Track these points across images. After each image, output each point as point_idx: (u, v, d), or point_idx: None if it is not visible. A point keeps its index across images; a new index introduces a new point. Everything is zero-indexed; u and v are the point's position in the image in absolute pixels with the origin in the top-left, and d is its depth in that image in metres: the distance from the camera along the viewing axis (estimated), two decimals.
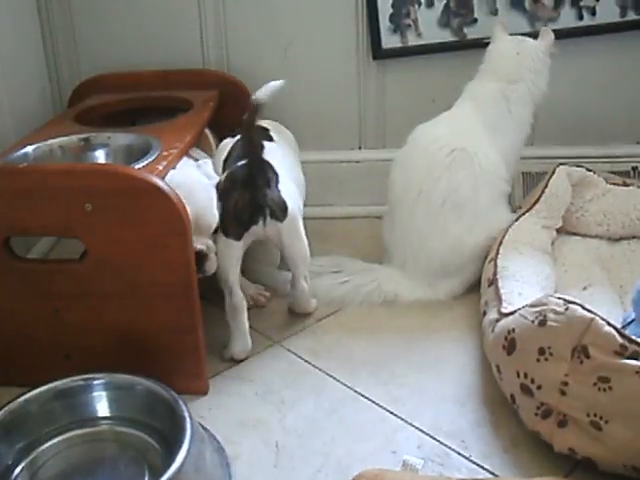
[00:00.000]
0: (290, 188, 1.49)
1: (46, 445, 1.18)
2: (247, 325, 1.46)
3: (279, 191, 1.45)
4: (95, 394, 1.22)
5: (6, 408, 1.16)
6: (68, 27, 2.04)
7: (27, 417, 1.17)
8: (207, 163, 1.52)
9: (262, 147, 1.52)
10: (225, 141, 1.67)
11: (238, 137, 1.58)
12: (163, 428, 1.18)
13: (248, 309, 1.47)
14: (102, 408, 1.22)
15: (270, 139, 1.62)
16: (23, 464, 1.16)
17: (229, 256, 1.44)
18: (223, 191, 1.44)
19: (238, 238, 1.43)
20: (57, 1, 2.01)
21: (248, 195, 1.42)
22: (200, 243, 1.36)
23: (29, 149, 1.51)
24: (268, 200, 1.43)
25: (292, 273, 1.55)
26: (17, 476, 1.14)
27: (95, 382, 1.22)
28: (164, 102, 1.88)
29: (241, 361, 1.45)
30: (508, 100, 1.68)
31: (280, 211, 1.44)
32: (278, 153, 1.56)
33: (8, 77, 1.80)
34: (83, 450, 1.19)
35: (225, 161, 1.57)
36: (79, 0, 2.01)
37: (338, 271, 1.67)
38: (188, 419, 1.12)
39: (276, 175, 1.46)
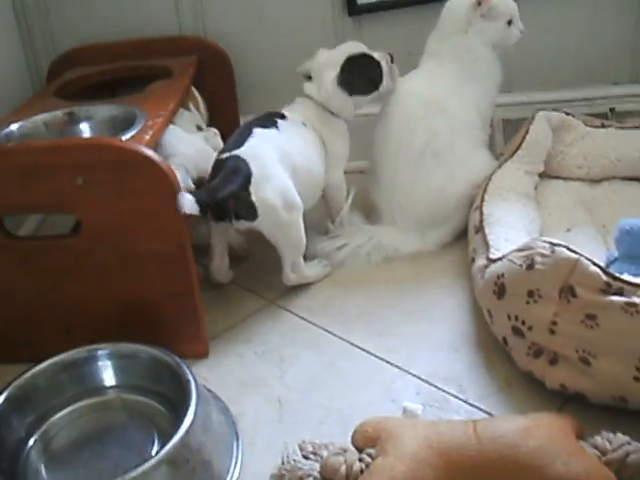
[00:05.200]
0: (271, 184, 1.46)
1: (56, 416, 1.21)
2: (224, 279, 1.58)
3: (248, 193, 1.43)
4: (100, 364, 1.25)
5: (15, 383, 1.18)
6: (40, 1, 2.03)
7: (36, 390, 1.20)
8: (216, 134, 1.54)
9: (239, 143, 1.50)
10: None
11: None
12: (169, 393, 1.21)
13: (232, 259, 1.59)
14: (108, 377, 1.25)
15: (273, 125, 1.59)
16: (36, 436, 1.19)
17: (212, 229, 1.52)
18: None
19: (216, 222, 1.47)
20: None
21: (211, 197, 1.40)
22: None
23: (13, 127, 1.51)
24: (230, 205, 1.42)
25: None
26: (31, 448, 1.17)
27: (100, 352, 1.24)
28: (143, 71, 1.88)
29: (238, 323, 1.49)
30: (467, 51, 1.69)
31: (248, 214, 1.44)
32: (272, 141, 1.54)
33: None
34: (93, 419, 1.22)
35: None
36: None
37: (334, 235, 1.68)
38: (193, 382, 1.15)
39: (248, 177, 1.44)
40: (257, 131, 1.54)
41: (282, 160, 1.51)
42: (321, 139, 1.66)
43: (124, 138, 1.37)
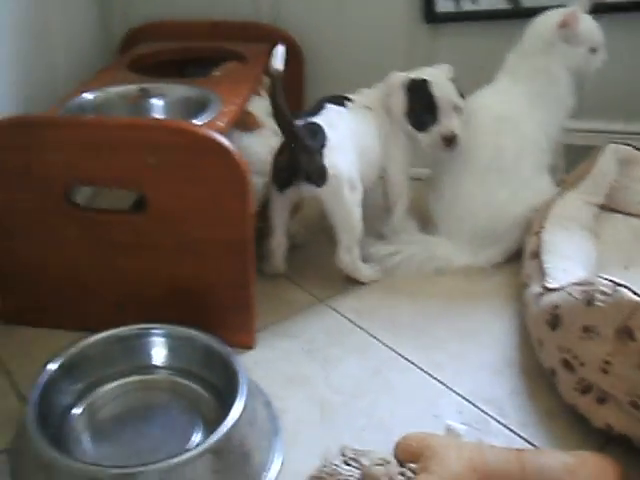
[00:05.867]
0: (343, 156, 1.51)
1: (105, 388, 1.24)
2: (280, 256, 1.61)
3: (321, 156, 1.47)
4: (154, 343, 1.27)
5: (69, 351, 1.21)
6: None
7: (88, 360, 1.23)
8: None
9: (311, 114, 1.56)
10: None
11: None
12: (216, 381, 1.23)
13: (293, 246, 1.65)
14: (160, 357, 1.27)
15: (341, 104, 1.62)
16: (83, 405, 1.21)
17: (274, 202, 1.56)
18: (277, 147, 1.51)
19: (280, 191, 1.52)
20: None
21: (286, 158, 1.47)
22: None
23: (89, 96, 1.54)
24: (303, 165, 1.47)
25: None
26: (77, 415, 1.20)
27: (155, 331, 1.27)
28: (216, 53, 1.89)
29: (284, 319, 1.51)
30: (544, 73, 1.69)
31: (318, 177, 1.48)
32: (343, 118, 1.58)
33: (63, 25, 1.81)
34: (139, 396, 1.24)
35: None
36: None
37: (388, 240, 1.69)
38: (243, 375, 1.16)
39: (323, 141, 1.49)
40: (330, 106, 1.59)
41: (351, 137, 1.55)
42: (384, 125, 1.67)
43: (199, 122, 1.38)
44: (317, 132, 1.50)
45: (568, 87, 1.71)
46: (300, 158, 1.47)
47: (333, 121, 1.54)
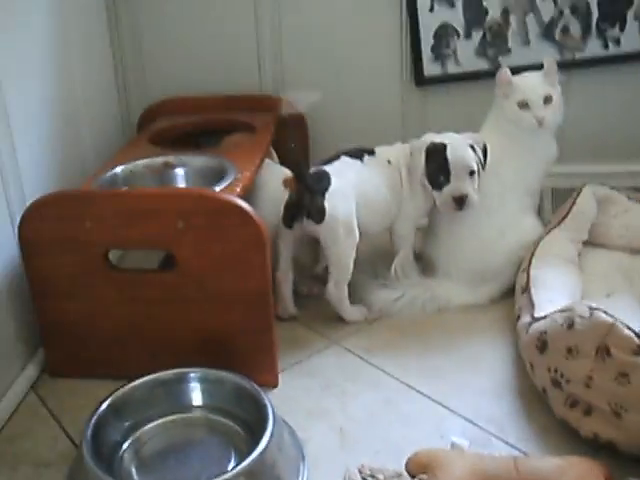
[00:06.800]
0: (343, 201, 1.70)
1: (148, 426, 1.39)
2: (288, 295, 1.79)
3: (322, 198, 1.67)
4: (190, 385, 1.43)
5: (117, 393, 1.37)
6: (137, 56, 2.26)
7: (133, 401, 1.38)
8: None
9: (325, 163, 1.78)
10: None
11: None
12: (247, 417, 1.38)
13: (305, 295, 1.85)
14: (196, 397, 1.43)
15: (358, 157, 1.82)
16: (130, 440, 1.37)
17: (282, 238, 1.75)
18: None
19: (288, 227, 1.71)
20: (128, 35, 2.23)
21: (296, 197, 1.69)
22: None
23: (118, 170, 1.73)
24: (305, 203, 1.68)
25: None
26: (124, 451, 1.35)
27: (191, 375, 1.43)
28: (227, 125, 2.09)
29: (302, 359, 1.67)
30: (508, 125, 1.84)
31: (317, 214, 1.68)
32: (352, 169, 1.78)
33: (88, 105, 2.01)
34: (179, 432, 1.40)
35: None
36: (148, 33, 2.23)
37: (391, 286, 1.85)
38: (270, 406, 1.32)
39: (327, 185, 1.69)
40: (344, 158, 1.80)
41: (356, 187, 1.75)
42: (399, 180, 1.85)
43: (219, 189, 1.56)
44: (323, 178, 1.71)
45: (534, 139, 1.84)
46: (304, 197, 1.67)
47: (341, 171, 1.75)
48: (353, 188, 1.74)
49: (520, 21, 2.09)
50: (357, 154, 1.82)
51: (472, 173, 1.76)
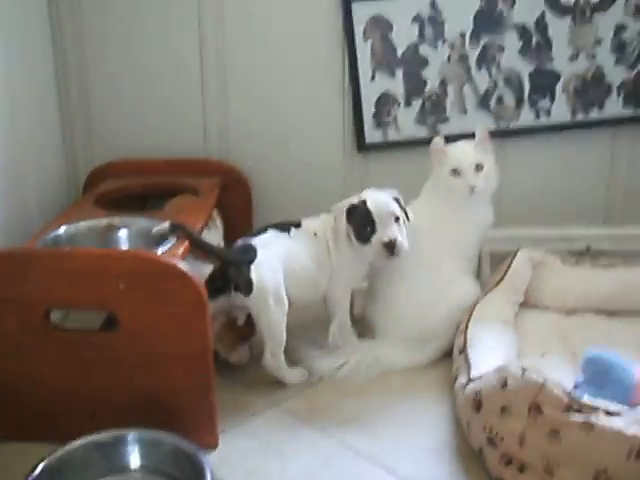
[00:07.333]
0: (270, 273, 1.72)
1: None
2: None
3: (249, 270, 1.69)
4: (128, 446, 1.42)
5: (51, 456, 1.36)
6: (84, 118, 2.28)
7: (69, 464, 1.38)
8: None
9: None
10: None
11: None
12: (186, 478, 1.38)
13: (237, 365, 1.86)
14: (134, 459, 1.43)
15: (285, 229, 1.85)
16: None
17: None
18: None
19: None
20: (76, 98, 2.25)
21: (220, 271, 1.71)
22: None
23: (61, 231, 1.74)
24: (232, 276, 1.70)
25: None
26: None
27: (128, 436, 1.42)
28: (173, 188, 2.11)
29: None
30: (442, 192, 1.90)
31: (245, 286, 1.70)
32: (278, 242, 1.80)
33: (34, 166, 2.03)
34: None
35: None
36: (96, 96, 2.25)
37: (331, 351, 1.87)
38: (208, 468, 1.32)
39: (252, 257, 1.72)
40: (271, 231, 1.83)
41: (283, 261, 1.77)
42: (328, 251, 1.87)
43: (160, 251, 1.58)
44: (249, 251, 1.74)
45: (471, 204, 1.89)
46: (229, 271, 1.70)
47: (267, 243, 1.78)
48: (279, 259, 1.76)
49: (457, 91, 2.18)
50: (284, 227, 1.86)
51: (397, 219, 1.80)
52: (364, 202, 1.82)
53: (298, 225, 1.88)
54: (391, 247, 1.78)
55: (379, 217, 1.80)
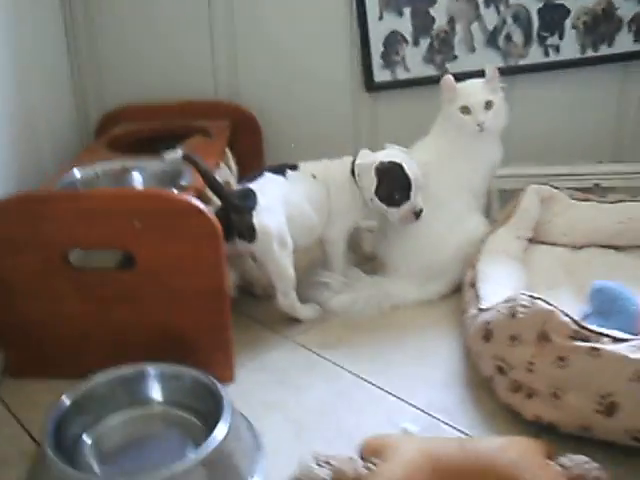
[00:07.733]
0: (272, 216, 1.72)
1: (108, 420, 1.43)
2: None
3: (250, 216, 1.70)
4: (149, 380, 1.47)
5: (78, 388, 1.41)
6: (94, 62, 2.30)
7: (94, 396, 1.42)
8: None
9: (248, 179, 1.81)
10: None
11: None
12: (205, 410, 1.42)
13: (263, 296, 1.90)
14: (155, 392, 1.47)
15: (281, 172, 1.85)
16: (91, 434, 1.40)
17: None
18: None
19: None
20: (85, 42, 2.27)
21: (222, 216, 1.66)
22: None
23: (77, 174, 1.77)
24: (235, 224, 1.69)
25: None
26: (86, 444, 1.38)
27: (150, 370, 1.47)
28: (183, 131, 2.13)
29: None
30: (451, 129, 1.91)
31: (248, 233, 1.70)
32: (276, 185, 1.81)
33: (45, 112, 2.05)
34: (138, 426, 1.43)
35: None
36: (105, 40, 2.27)
37: (345, 285, 1.90)
38: (226, 399, 1.36)
39: (253, 203, 1.71)
40: (267, 174, 1.83)
41: (282, 202, 1.77)
42: (327, 194, 1.89)
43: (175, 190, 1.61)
44: (249, 196, 1.73)
45: (475, 143, 1.91)
46: (232, 218, 1.69)
47: (265, 188, 1.77)
48: (280, 203, 1.77)
49: (465, 29, 2.18)
50: (280, 170, 1.86)
51: (420, 188, 1.84)
52: (400, 166, 1.82)
53: (294, 167, 1.89)
54: (418, 215, 1.83)
55: (416, 185, 1.82)
